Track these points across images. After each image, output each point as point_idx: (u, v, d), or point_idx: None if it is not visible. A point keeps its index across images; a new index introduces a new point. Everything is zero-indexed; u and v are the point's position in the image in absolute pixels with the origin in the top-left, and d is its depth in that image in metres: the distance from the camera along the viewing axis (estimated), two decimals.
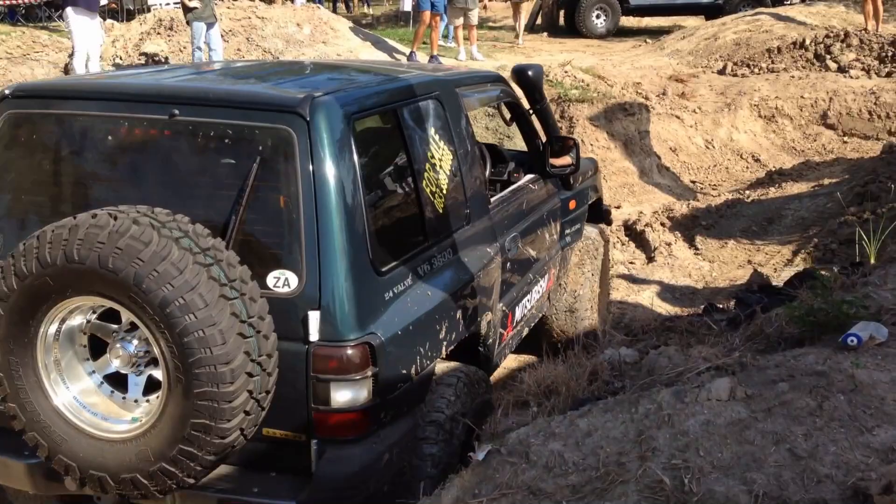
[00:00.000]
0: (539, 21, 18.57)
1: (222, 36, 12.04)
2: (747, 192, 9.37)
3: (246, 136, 2.77)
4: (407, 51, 12.75)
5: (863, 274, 3.27)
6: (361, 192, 2.81)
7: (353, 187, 2.78)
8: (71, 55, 10.42)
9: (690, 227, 8.31)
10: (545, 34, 18.17)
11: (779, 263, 7.29)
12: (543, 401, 3.22)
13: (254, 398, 2.51)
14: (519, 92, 4.77)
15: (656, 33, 18.02)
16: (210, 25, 10.91)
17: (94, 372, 2.74)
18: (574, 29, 18.06)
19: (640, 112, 10.81)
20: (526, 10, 17.93)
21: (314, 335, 2.64)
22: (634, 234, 8.15)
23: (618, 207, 9.24)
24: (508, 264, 3.85)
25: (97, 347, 2.73)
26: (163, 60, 12.25)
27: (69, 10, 9.96)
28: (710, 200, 9.16)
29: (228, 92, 3.06)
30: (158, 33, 12.98)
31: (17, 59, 12.36)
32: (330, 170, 2.71)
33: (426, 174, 3.26)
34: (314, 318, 2.63)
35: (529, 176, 4.59)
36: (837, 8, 15.32)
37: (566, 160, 4.72)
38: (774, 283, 6.21)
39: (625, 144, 10.21)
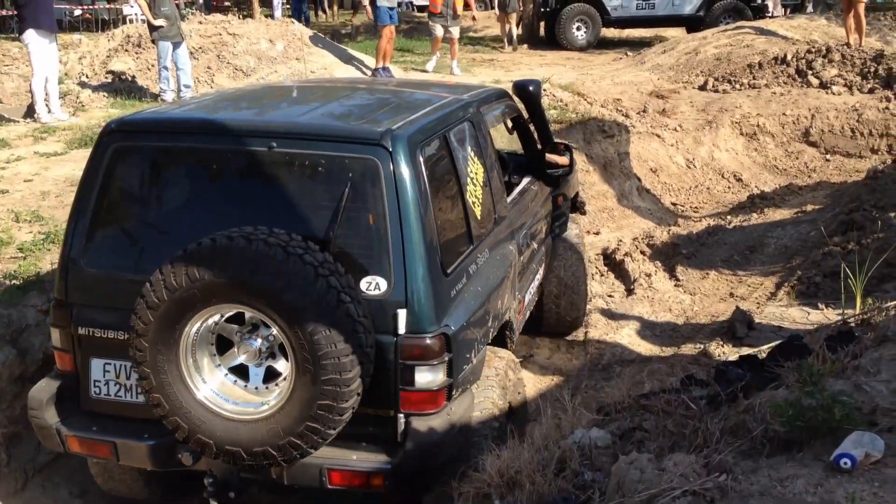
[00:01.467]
0: (519, 32, 18.34)
1: (192, 53, 11.67)
2: (729, 217, 9.12)
3: (337, 165, 3.27)
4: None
5: (853, 355, 3.01)
6: (431, 206, 3.32)
7: (425, 203, 3.28)
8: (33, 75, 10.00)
9: (671, 255, 8.03)
10: (525, 46, 17.96)
11: (761, 297, 7.04)
12: (506, 494, 2.94)
13: (363, 382, 3.04)
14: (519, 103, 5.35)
15: (637, 45, 17.83)
16: (176, 45, 10.52)
17: (220, 365, 3.22)
18: (555, 41, 17.86)
19: (619, 133, 10.55)
20: (513, 19, 17.72)
21: (402, 329, 3.16)
22: (613, 263, 7.87)
23: (596, 234, 8.97)
24: (521, 257, 4.43)
25: (220, 345, 3.21)
26: (129, 79, 11.88)
27: (31, 32, 9.39)
28: (691, 226, 8.88)
29: (320, 126, 3.57)
30: (126, 50, 12.59)
31: None
32: (408, 190, 3.21)
33: (468, 186, 3.80)
34: (402, 315, 3.15)
35: (528, 178, 5.14)
36: (819, 21, 15.13)
37: (564, 160, 5.48)
38: (757, 338, 5.99)
39: (604, 167, 9.94)
